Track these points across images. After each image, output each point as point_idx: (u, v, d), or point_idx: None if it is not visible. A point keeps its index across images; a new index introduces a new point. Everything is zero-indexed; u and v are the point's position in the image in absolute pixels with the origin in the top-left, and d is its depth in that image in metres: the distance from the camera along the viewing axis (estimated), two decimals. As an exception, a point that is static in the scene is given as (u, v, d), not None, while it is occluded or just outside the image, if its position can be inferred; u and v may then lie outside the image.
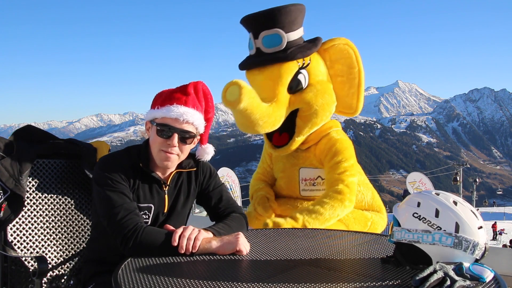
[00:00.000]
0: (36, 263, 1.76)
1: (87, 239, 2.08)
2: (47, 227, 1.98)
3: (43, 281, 1.82)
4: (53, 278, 1.98)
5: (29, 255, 1.90)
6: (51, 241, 1.99)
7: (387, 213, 3.28)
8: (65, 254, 2.03)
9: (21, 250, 1.89)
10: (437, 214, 1.31)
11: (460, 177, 30.69)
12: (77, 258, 2.06)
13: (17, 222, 1.89)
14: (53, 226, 2.00)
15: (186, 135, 1.67)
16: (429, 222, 1.31)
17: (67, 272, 2.02)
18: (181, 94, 1.67)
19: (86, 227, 2.11)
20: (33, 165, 1.95)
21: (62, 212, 2.04)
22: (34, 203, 1.95)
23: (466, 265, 1.23)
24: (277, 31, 2.62)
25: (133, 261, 1.42)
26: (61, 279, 1.99)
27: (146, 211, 1.71)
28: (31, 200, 1.95)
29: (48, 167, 2.02)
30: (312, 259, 1.50)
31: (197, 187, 1.84)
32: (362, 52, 3.16)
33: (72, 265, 2.04)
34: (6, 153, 1.88)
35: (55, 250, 2.00)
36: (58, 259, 2.00)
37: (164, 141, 1.65)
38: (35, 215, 1.95)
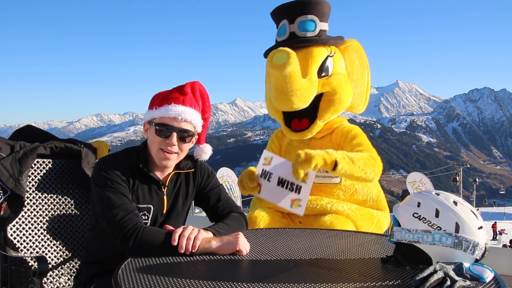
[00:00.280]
0: (36, 263, 1.76)
1: (87, 239, 2.08)
2: (47, 227, 1.98)
3: (43, 281, 1.82)
4: (53, 278, 1.98)
5: (29, 255, 1.90)
6: (51, 241, 1.99)
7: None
8: (65, 254, 2.03)
9: (21, 250, 1.89)
10: (437, 214, 1.31)
11: (460, 177, 30.69)
12: (77, 258, 2.06)
13: (17, 222, 1.89)
14: (53, 226, 2.00)
15: (185, 134, 1.68)
16: (429, 222, 1.31)
17: (67, 272, 2.02)
18: (178, 94, 1.69)
19: (86, 227, 2.11)
20: (33, 165, 1.95)
21: (62, 212, 2.04)
22: (34, 203, 1.95)
23: (466, 265, 1.23)
24: (313, 17, 2.87)
25: (133, 261, 1.42)
26: (61, 279, 1.99)
27: (146, 212, 1.70)
28: (31, 200, 1.95)
29: (48, 167, 2.02)
30: (312, 259, 1.50)
31: (195, 187, 1.85)
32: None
33: (72, 265, 2.04)
34: (6, 153, 1.88)
35: (55, 250, 2.00)
36: (58, 259, 2.00)
37: (163, 140, 1.66)
38: (35, 215, 1.95)
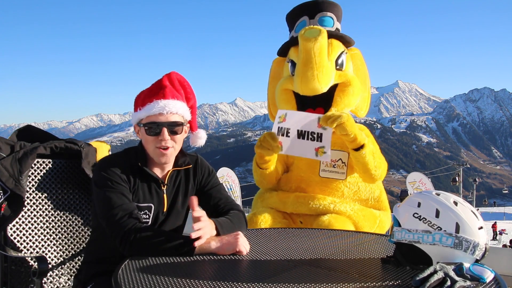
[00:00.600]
0: (36, 263, 1.76)
1: (87, 239, 2.08)
2: (47, 227, 1.98)
3: (43, 281, 1.82)
4: (53, 278, 1.98)
5: (29, 255, 1.90)
6: (51, 241, 1.99)
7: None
8: (65, 254, 2.03)
9: (21, 250, 1.89)
10: (437, 215, 1.31)
11: (460, 177, 30.68)
12: (77, 258, 2.06)
13: (17, 222, 1.89)
14: (53, 226, 2.00)
15: (175, 126, 1.68)
16: (429, 223, 1.31)
17: (67, 272, 2.02)
18: (158, 89, 1.69)
19: (86, 227, 2.11)
20: (33, 165, 1.95)
21: (62, 212, 2.04)
22: (34, 203, 1.95)
23: (467, 265, 1.23)
24: (331, 15, 3.08)
25: (133, 261, 1.42)
26: (61, 279, 1.99)
27: (147, 210, 1.71)
28: (31, 200, 1.95)
29: (48, 167, 2.02)
30: (312, 259, 1.50)
31: (195, 185, 1.84)
32: (362, 52, 3.26)
33: (72, 265, 2.04)
34: (6, 153, 1.88)
35: (55, 250, 2.00)
36: (58, 259, 2.00)
37: (155, 138, 1.66)
38: (35, 215, 1.95)
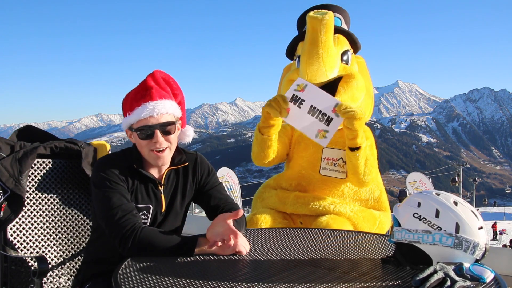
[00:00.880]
0: (36, 263, 1.76)
1: (87, 239, 2.08)
2: (47, 227, 1.98)
3: (43, 281, 1.82)
4: (53, 278, 1.98)
5: (29, 255, 1.90)
6: (51, 241, 1.99)
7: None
8: (65, 254, 2.03)
9: (21, 250, 1.89)
10: (437, 215, 1.31)
11: (460, 177, 30.68)
12: (76, 258, 2.06)
13: (17, 222, 1.89)
14: (53, 226, 2.00)
15: (167, 126, 1.67)
16: (429, 223, 1.31)
17: (67, 272, 2.02)
18: (143, 91, 1.67)
19: (86, 227, 2.11)
20: (33, 165, 1.95)
21: (62, 212, 2.04)
22: (34, 203, 1.95)
23: (467, 265, 1.23)
24: (340, 16, 3.09)
25: (132, 262, 1.42)
26: (61, 279, 1.99)
27: (145, 211, 1.70)
28: (31, 200, 1.95)
29: (48, 167, 2.02)
30: (312, 259, 1.50)
31: (194, 184, 1.83)
32: (362, 52, 3.25)
33: (72, 265, 2.04)
34: (6, 153, 1.88)
35: (55, 250, 2.00)
36: (58, 259, 2.00)
37: (148, 141, 1.65)
38: (35, 215, 1.95)
